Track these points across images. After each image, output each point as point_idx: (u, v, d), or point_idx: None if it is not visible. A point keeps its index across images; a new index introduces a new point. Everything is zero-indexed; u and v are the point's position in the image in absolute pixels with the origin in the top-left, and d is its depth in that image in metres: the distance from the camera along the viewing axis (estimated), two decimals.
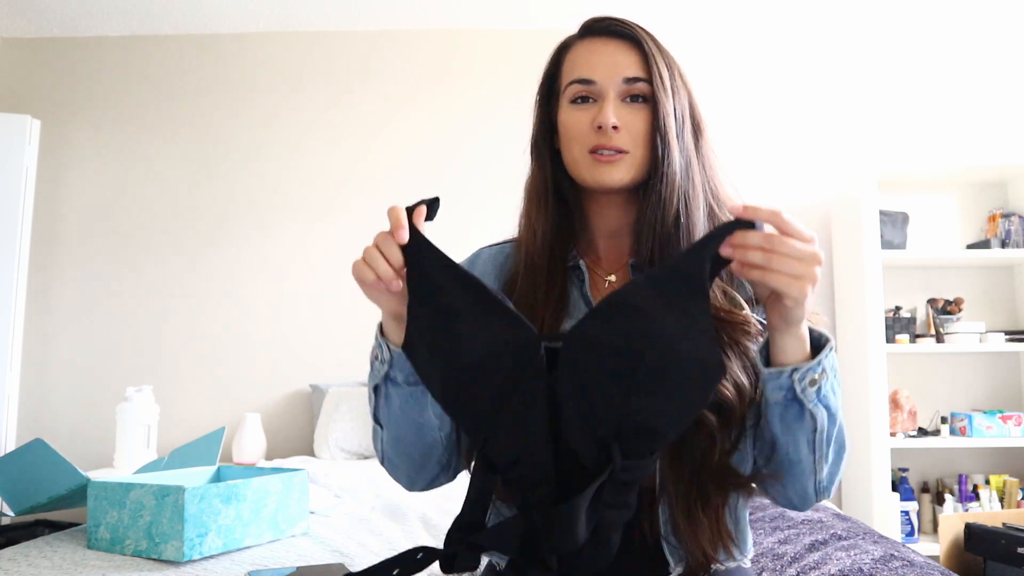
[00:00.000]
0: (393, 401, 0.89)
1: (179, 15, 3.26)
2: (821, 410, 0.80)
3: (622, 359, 0.73)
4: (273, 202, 3.32)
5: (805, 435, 0.82)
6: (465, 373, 0.76)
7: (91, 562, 1.22)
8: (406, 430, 0.90)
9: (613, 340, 0.74)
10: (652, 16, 3.13)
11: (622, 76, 0.90)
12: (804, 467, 0.84)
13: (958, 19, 3.24)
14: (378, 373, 0.90)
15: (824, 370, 0.79)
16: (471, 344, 0.76)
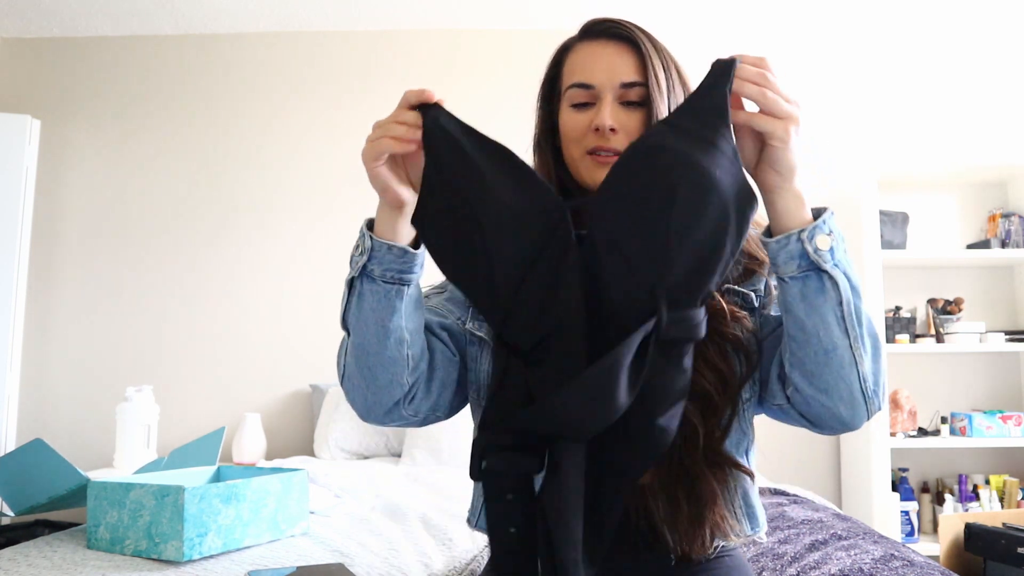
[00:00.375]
0: (365, 299, 0.85)
1: (179, 15, 3.26)
2: (841, 275, 0.79)
3: (655, 198, 0.71)
4: (273, 202, 3.32)
5: (832, 310, 0.79)
6: (490, 235, 0.73)
7: (91, 562, 1.22)
8: (372, 336, 0.85)
9: (643, 182, 0.72)
10: (652, 16, 3.13)
11: (620, 80, 0.91)
12: (842, 355, 0.79)
13: (958, 19, 3.24)
14: (355, 266, 0.86)
15: (832, 232, 0.80)
16: (497, 204, 0.73)
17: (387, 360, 0.86)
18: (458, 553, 1.43)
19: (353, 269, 0.86)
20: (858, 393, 0.81)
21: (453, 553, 1.43)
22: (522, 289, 0.74)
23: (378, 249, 0.85)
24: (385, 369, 0.86)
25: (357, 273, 0.86)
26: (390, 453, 2.83)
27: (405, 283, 0.85)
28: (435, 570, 1.34)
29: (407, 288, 0.85)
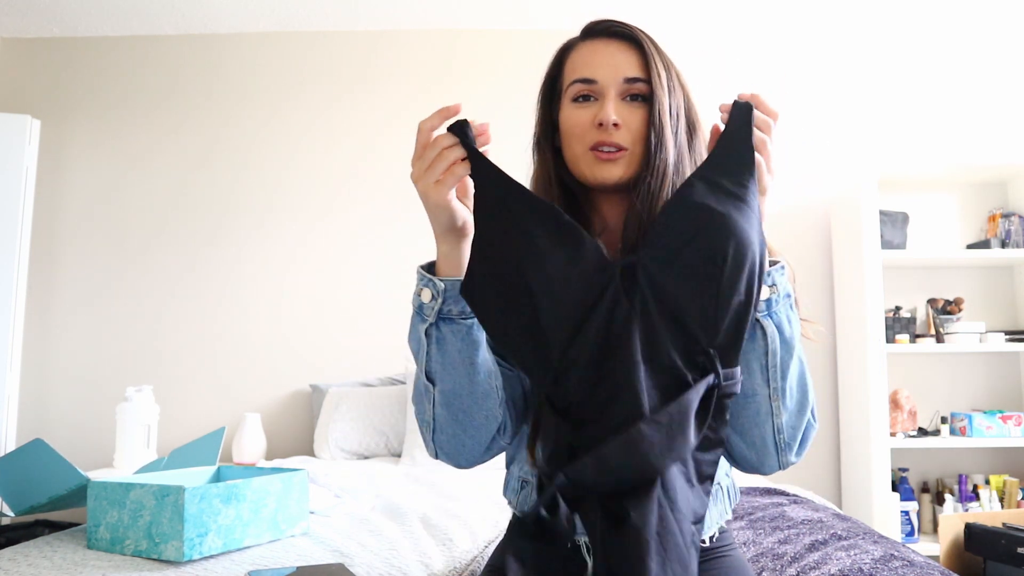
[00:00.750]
0: (448, 344, 0.84)
1: (179, 15, 3.26)
2: (771, 326, 0.81)
3: (706, 262, 0.73)
4: (273, 202, 3.32)
5: (758, 358, 0.82)
6: (541, 296, 0.74)
7: (91, 562, 1.22)
8: (462, 378, 0.84)
9: (693, 245, 0.74)
10: (651, 17, 3.13)
11: (623, 76, 0.92)
12: (759, 402, 0.82)
13: (958, 19, 3.24)
14: (429, 313, 0.84)
15: (775, 284, 0.82)
16: (547, 269, 0.74)
17: (480, 396, 0.85)
18: (458, 553, 1.43)
19: (428, 316, 0.84)
20: (771, 443, 0.84)
21: (453, 553, 1.43)
22: (571, 350, 0.75)
23: (451, 289, 0.84)
24: (480, 407, 0.86)
25: (434, 319, 0.84)
26: (390, 453, 2.83)
27: None
28: (435, 570, 1.34)
29: None
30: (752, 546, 1.43)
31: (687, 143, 0.94)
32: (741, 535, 1.50)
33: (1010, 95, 3.30)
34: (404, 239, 3.23)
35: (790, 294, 0.84)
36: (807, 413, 0.85)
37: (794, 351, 0.83)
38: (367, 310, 3.23)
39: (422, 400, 0.89)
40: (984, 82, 3.32)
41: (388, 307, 3.20)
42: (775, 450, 0.85)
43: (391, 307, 3.20)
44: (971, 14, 3.20)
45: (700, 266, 0.74)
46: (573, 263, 0.76)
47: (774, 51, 3.39)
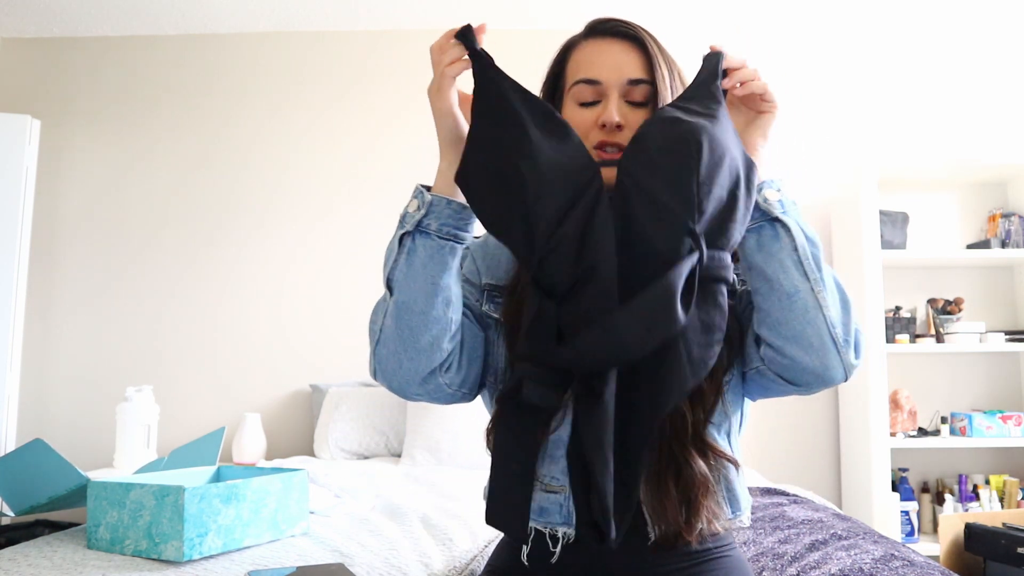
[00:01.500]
0: (417, 255, 0.87)
1: (179, 15, 3.26)
2: (792, 222, 0.86)
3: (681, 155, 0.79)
4: (273, 202, 3.32)
5: (788, 255, 0.85)
6: (531, 186, 0.78)
7: (91, 562, 1.22)
8: (419, 294, 0.86)
9: (668, 143, 0.80)
10: (652, 16, 3.13)
11: (627, 77, 0.93)
12: (805, 298, 0.83)
13: (958, 18, 3.24)
14: (408, 221, 0.88)
15: (780, 189, 0.88)
16: (538, 158, 0.80)
17: (431, 320, 0.87)
18: (458, 553, 1.43)
19: (407, 224, 0.88)
20: (828, 339, 0.84)
21: (453, 553, 1.43)
22: (557, 234, 0.79)
23: (437, 204, 0.87)
24: (428, 329, 0.87)
25: (412, 227, 0.87)
26: (390, 453, 2.83)
27: (460, 240, 0.88)
28: (435, 570, 1.34)
29: (460, 246, 0.88)
30: (752, 546, 1.43)
31: None
32: (741, 535, 1.50)
33: (1010, 95, 3.30)
34: None
35: (796, 203, 0.89)
36: (851, 312, 0.87)
37: (820, 251, 0.87)
38: (367, 310, 3.20)
39: (377, 312, 0.92)
40: (984, 82, 3.31)
41: None
42: (834, 347, 0.84)
43: None
44: (971, 14, 3.20)
45: (676, 160, 0.79)
46: (562, 155, 0.81)
47: (774, 51, 3.39)
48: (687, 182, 0.78)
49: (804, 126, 3.33)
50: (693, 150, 0.79)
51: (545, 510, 0.91)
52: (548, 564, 0.92)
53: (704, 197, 0.78)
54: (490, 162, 0.82)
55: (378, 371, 0.93)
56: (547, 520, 0.92)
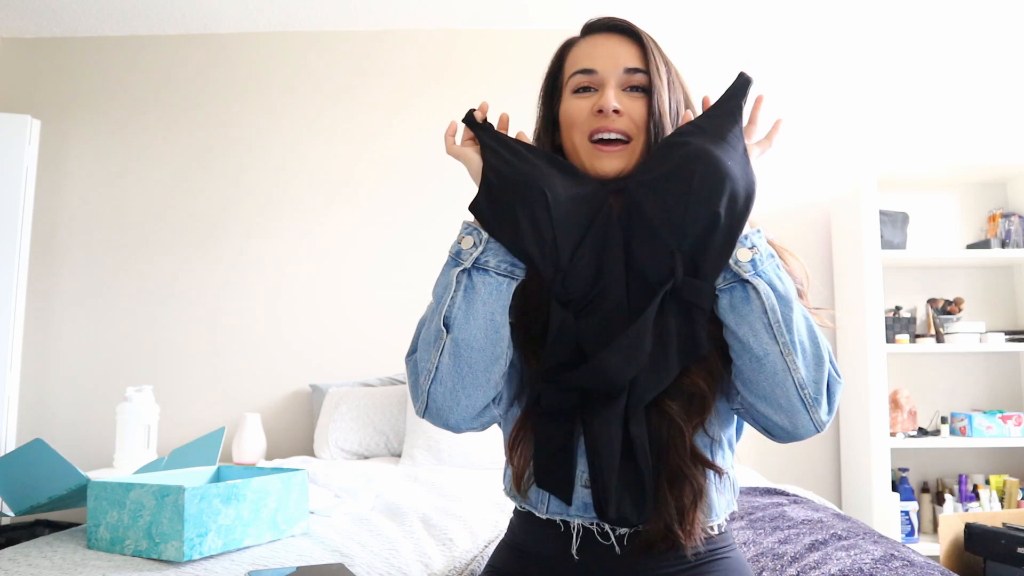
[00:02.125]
0: (477, 293, 0.87)
1: (179, 15, 3.26)
2: (762, 283, 0.84)
3: (678, 174, 0.84)
4: (273, 202, 3.32)
5: (759, 318, 0.84)
6: (555, 209, 0.85)
7: (91, 562, 1.22)
8: (479, 331, 0.87)
9: (669, 167, 0.85)
10: (651, 16, 3.13)
11: (623, 66, 0.94)
12: (774, 361, 0.83)
13: (958, 19, 3.24)
14: (466, 258, 0.88)
15: (755, 246, 0.86)
16: (557, 185, 0.87)
17: (490, 357, 0.88)
18: (458, 553, 1.43)
19: (464, 261, 0.88)
20: (796, 401, 0.84)
21: (453, 553, 1.43)
22: (577, 254, 0.86)
23: (493, 241, 0.89)
24: (487, 367, 0.88)
25: (470, 264, 0.88)
26: (390, 453, 2.83)
27: (516, 277, 0.89)
28: (435, 570, 1.34)
29: (516, 282, 0.89)
30: (752, 546, 1.43)
31: None
32: (741, 535, 1.50)
33: (1010, 95, 3.30)
34: (404, 239, 3.23)
35: (773, 255, 0.87)
36: (825, 365, 0.85)
37: (793, 306, 0.85)
38: (367, 310, 3.23)
39: (429, 348, 0.89)
40: (984, 82, 3.32)
41: (388, 307, 3.20)
42: (804, 407, 0.84)
43: (391, 307, 3.20)
44: (971, 14, 3.20)
45: (674, 184, 0.84)
46: (575, 185, 0.89)
47: (774, 51, 3.39)
48: (679, 207, 0.83)
49: (805, 126, 3.33)
50: (689, 175, 0.83)
51: (588, 506, 0.91)
52: (553, 563, 0.93)
53: (692, 222, 0.82)
54: (513, 189, 0.87)
55: (430, 409, 0.91)
56: (564, 511, 0.92)
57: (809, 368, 0.84)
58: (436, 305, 0.89)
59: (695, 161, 0.83)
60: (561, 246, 0.85)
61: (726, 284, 0.86)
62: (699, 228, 0.83)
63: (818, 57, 3.38)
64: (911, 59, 3.35)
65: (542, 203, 0.85)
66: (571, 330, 0.86)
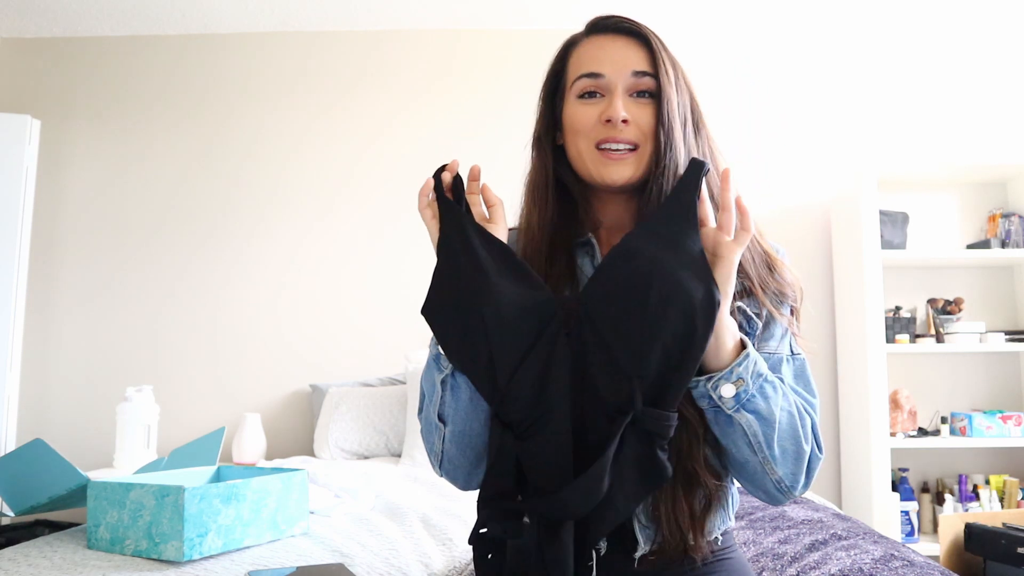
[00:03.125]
0: (461, 392, 0.88)
1: (179, 15, 3.26)
2: (746, 416, 0.83)
3: (632, 295, 0.79)
4: (273, 202, 3.32)
5: (741, 439, 0.85)
6: (492, 329, 0.81)
7: (91, 562, 1.22)
8: (473, 422, 0.88)
9: (622, 282, 0.80)
10: (653, 15, 3.13)
11: (631, 70, 0.91)
12: (753, 468, 0.86)
13: (958, 19, 3.24)
14: (445, 365, 0.88)
15: (741, 378, 0.82)
16: (499, 300, 0.82)
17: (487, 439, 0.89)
18: (458, 553, 1.43)
19: (444, 368, 0.88)
20: (772, 490, 0.88)
21: (453, 553, 1.43)
22: (517, 375, 0.81)
23: None
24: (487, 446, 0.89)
25: (450, 372, 0.88)
26: (390, 453, 2.83)
27: None
28: (435, 570, 1.34)
29: None
30: (752, 546, 1.43)
31: (694, 141, 0.93)
32: (741, 535, 1.50)
33: (1010, 95, 3.30)
34: (404, 239, 3.23)
35: (761, 373, 0.84)
36: (804, 458, 0.87)
37: (775, 423, 0.84)
38: (367, 310, 3.23)
39: (431, 433, 0.92)
40: (984, 82, 3.31)
41: (388, 307, 3.20)
42: (779, 493, 0.88)
43: (391, 307, 3.20)
44: (971, 14, 3.20)
45: (628, 300, 0.79)
46: (522, 294, 0.83)
47: (775, 51, 3.39)
48: (635, 331, 0.79)
49: (805, 127, 3.33)
50: (643, 296, 0.79)
51: None
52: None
53: (649, 347, 0.78)
54: (453, 304, 0.84)
55: (449, 480, 0.96)
56: None
57: (788, 466, 0.86)
58: (427, 400, 0.93)
59: (647, 278, 0.79)
60: (500, 366, 0.81)
61: (709, 408, 0.84)
62: (659, 356, 0.79)
63: (818, 57, 3.38)
64: (911, 59, 3.35)
65: (478, 324, 0.81)
66: (511, 452, 0.82)
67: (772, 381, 0.85)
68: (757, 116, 3.32)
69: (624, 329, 0.79)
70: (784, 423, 0.85)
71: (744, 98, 3.33)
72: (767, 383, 0.84)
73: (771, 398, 0.84)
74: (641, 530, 0.89)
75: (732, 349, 0.84)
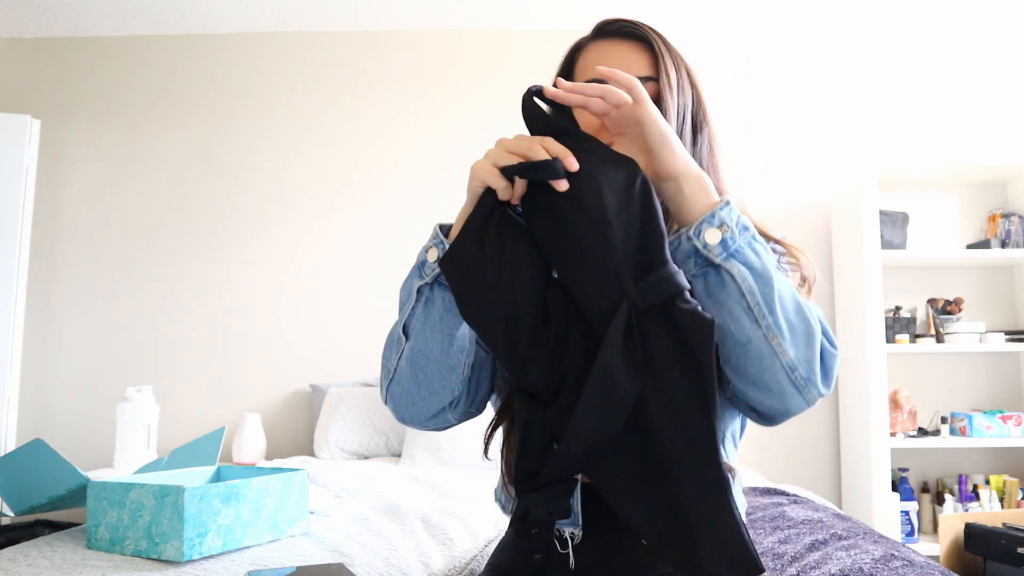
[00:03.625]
0: (435, 307, 0.86)
1: (179, 15, 3.26)
2: (736, 265, 0.77)
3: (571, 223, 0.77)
4: (273, 202, 3.32)
5: (737, 303, 0.77)
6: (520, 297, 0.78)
7: (91, 562, 1.22)
8: (435, 343, 0.86)
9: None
10: (654, 16, 3.13)
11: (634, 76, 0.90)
12: (759, 347, 0.77)
13: (958, 19, 3.24)
14: (428, 272, 0.86)
15: (724, 223, 0.77)
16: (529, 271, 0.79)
17: (447, 368, 0.87)
18: (458, 553, 1.43)
19: (426, 275, 0.86)
20: (786, 383, 0.79)
21: (453, 553, 1.43)
22: (538, 340, 0.79)
23: None
24: (442, 377, 0.88)
25: (431, 280, 0.86)
26: (390, 453, 2.83)
27: None
28: (435, 570, 1.34)
29: None
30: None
31: (691, 142, 0.93)
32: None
33: (1010, 95, 3.30)
34: (404, 239, 3.23)
35: (748, 227, 0.79)
36: (816, 340, 0.79)
37: (774, 281, 0.78)
38: (367, 310, 3.23)
39: (392, 347, 0.91)
40: (984, 82, 3.31)
41: (388, 307, 3.18)
42: (795, 389, 0.79)
43: (391, 307, 3.18)
44: (971, 14, 3.20)
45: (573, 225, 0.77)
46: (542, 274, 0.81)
47: (775, 51, 3.39)
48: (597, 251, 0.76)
49: (805, 127, 3.33)
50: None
51: None
52: (557, 565, 0.93)
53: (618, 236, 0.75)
54: (482, 261, 0.80)
55: (390, 404, 0.94)
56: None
57: (799, 347, 0.78)
58: (399, 309, 0.91)
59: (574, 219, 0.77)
60: (520, 333, 0.79)
61: (698, 270, 0.79)
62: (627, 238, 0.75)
63: (818, 57, 3.38)
64: (911, 59, 3.35)
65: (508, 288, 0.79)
66: (540, 427, 0.79)
67: (760, 240, 0.80)
68: (757, 116, 3.32)
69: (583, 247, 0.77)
70: (784, 289, 0.79)
71: (744, 98, 3.33)
72: (755, 240, 0.79)
73: (762, 255, 0.79)
74: None
75: (709, 202, 0.80)
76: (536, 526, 0.81)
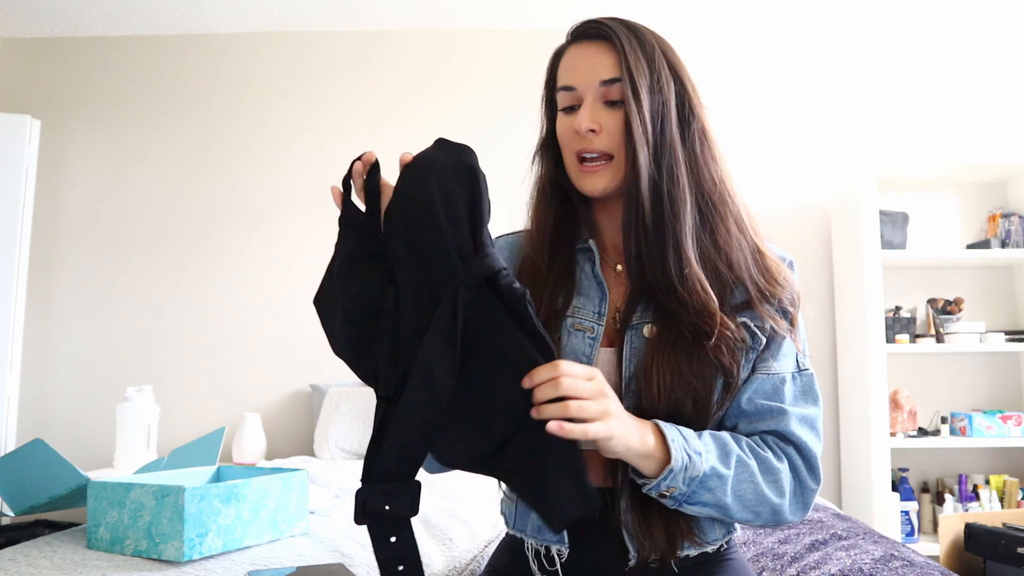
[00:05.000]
0: None
1: (179, 15, 3.26)
2: (690, 507, 0.85)
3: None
4: (273, 202, 3.32)
5: (704, 518, 0.90)
6: (342, 326, 0.90)
7: (91, 562, 1.22)
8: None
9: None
10: (653, 16, 3.13)
11: (599, 79, 0.90)
12: (722, 521, 0.92)
13: (958, 19, 3.24)
14: None
15: (670, 487, 0.82)
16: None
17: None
18: (458, 553, 1.43)
19: None
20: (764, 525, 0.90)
21: (453, 553, 1.43)
22: (377, 352, 0.85)
23: None
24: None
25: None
26: None
27: None
28: (435, 570, 1.34)
29: None
30: (752, 546, 1.43)
31: (680, 140, 0.90)
32: (741, 535, 1.50)
33: (1010, 95, 3.30)
34: None
35: (695, 476, 0.82)
36: (783, 508, 0.88)
37: (728, 504, 0.84)
38: None
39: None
40: (984, 82, 3.32)
41: None
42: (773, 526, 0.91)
43: None
44: (971, 14, 3.20)
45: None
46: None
47: (775, 50, 3.39)
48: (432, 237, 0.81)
49: (805, 127, 3.33)
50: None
51: (541, 528, 0.93)
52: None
53: (448, 219, 0.80)
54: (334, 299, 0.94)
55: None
56: (543, 537, 0.93)
57: (766, 518, 0.88)
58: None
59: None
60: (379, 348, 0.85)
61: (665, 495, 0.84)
62: (457, 220, 0.80)
63: (818, 57, 3.38)
64: (911, 59, 3.35)
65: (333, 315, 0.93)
66: (380, 420, 0.82)
67: (718, 473, 0.83)
68: (757, 116, 3.32)
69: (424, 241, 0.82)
70: (746, 496, 0.85)
71: (744, 98, 3.33)
72: (705, 484, 0.82)
73: (716, 489, 0.83)
74: (630, 540, 0.89)
75: (654, 471, 0.82)
76: (373, 519, 0.80)
